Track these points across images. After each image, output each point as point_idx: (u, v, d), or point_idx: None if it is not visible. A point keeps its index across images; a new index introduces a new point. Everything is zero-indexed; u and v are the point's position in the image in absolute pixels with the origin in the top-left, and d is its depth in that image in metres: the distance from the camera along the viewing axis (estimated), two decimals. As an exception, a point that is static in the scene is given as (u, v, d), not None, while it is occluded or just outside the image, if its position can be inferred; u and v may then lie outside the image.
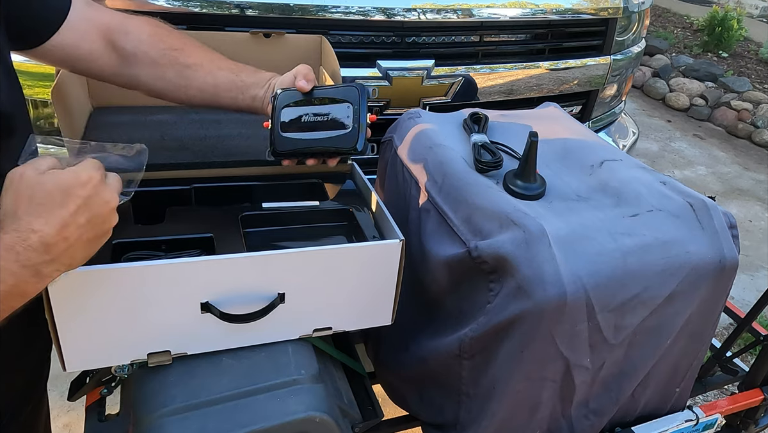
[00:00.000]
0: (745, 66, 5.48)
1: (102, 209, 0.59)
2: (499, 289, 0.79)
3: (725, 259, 0.85)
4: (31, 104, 1.33)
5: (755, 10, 6.68)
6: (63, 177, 0.57)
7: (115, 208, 0.61)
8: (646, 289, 0.81)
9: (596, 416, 0.91)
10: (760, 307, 1.20)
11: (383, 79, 1.43)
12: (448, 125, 1.07)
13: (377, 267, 0.83)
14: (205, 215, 0.88)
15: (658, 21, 6.59)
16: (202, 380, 0.77)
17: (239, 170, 0.99)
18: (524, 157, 0.89)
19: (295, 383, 0.79)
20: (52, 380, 0.96)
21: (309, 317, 0.83)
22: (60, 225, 0.55)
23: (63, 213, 0.56)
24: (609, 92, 1.94)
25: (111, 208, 0.60)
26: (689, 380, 1.00)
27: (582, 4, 1.69)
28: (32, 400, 0.90)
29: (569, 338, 0.79)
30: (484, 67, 1.58)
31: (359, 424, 0.88)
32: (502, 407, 0.84)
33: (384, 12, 1.39)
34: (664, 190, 0.90)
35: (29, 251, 0.54)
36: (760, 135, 4.44)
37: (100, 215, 0.59)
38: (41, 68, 1.28)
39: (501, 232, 0.80)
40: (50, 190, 0.56)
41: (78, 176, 0.57)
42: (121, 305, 0.71)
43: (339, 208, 0.95)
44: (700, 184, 3.77)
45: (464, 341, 0.84)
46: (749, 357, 2.08)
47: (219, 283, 0.75)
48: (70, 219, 0.56)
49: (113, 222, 0.62)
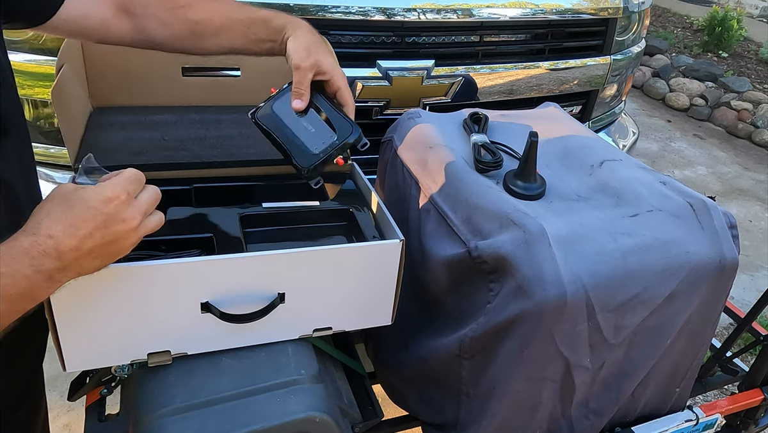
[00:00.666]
0: (745, 66, 5.48)
1: (119, 228, 0.59)
2: (499, 289, 0.79)
3: (725, 259, 0.85)
4: (31, 104, 1.33)
5: (755, 10, 6.68)
6: (88, 192, 0.58)
7: (137, 228, 0.61)
8: (646, 289, 0.81)
9: (596, 416, 0.91)
10: (760, 307, 1.20)
11: (383, 79, 1.43)
12: (448, 125, 1.07)
13: (377, 267, 0.83)
14: (205, 215, 0.88)
15: (658, 21, 6.59)
16: (202, 380, 0.77)
17: (239, 170, 0.99)
18: (524, 157, 0.89)
19: (295, 383, 0.79)
20: (52, 380, 0.96)
21: (309, 317, 0.83)
22: (76, 236, 0.57)
23: (81, 225, 0.57)
24: (609, 92, 1.93)
25: (129, 228, 0.60)
26: (689, 380, 1.00)
27: (582, 4, 1.69)
28: (29, 399, 0.89)
29: (569, 338, 0.79)
30: (484, 67, 1.58)
31: (359, 424, 0.88)
32: (502, 407, 0.84)
33: (384, 12, 1.39)
34: (664, 190, 0.90)
35: (43, 256, 0.55)
36: (760, 135, 4.43)
37: (116, 233, 0.59)
38: (41, 68, 1.28)
39: (501, 232, 0.80)
40: (75, 203, 0.57)
41: (102, 193, 0.58)
42: (121, 305, 0.71)
43: (339, 209, 0.95)
44: (700, 184, 3.77)
45: (464, 341, 0.84)
46: (749, 357, 2.08)
47: (219, 283, 0.75)
48: (88, 233, 0.57)
49: (132, 241, 0.62)
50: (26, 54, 1.26)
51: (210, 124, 1.08)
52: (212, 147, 1.01)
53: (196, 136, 1.04)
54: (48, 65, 1.26)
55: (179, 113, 1.10)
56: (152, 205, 0.64)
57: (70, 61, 0.96)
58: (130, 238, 0.61)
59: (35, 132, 1.35)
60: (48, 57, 1.26)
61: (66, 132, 0.90)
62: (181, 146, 1.00)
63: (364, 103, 1.45)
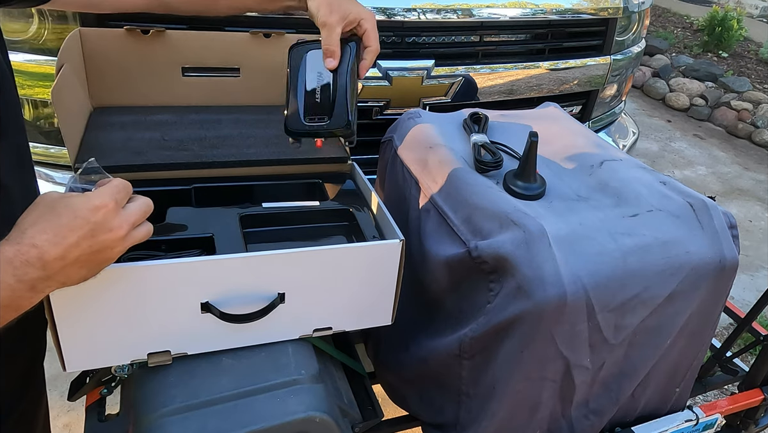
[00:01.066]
0: (745, 66, 5.48)
1: (106, 237, 0.58)
2: (499, 289, 0.79)
3: (725, 259, 0.85)
4: (31, 104, 1.33)
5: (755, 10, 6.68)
6: (76, 200, 0.57)
7: (125, 238, 0.60)
8: (646, 289, 0.81)
9: (596, 416, 0.91)
10: (760, 307, 1.20)
11: (383, 79, 1.43)
12: (448, 125, 1.07)
13: (377, 267, 0.83)
14: (205, 215, 0.88)
15: (658, 21, 6.59)
16: (202, 380, 0.77)
17: (239, 170, 0.99)
18: (524, 157, 0.89)
19: (295, 383, 0.79)
20: (52, 380, 0.96)
21: (309, 317, 0.83)
22: (62, 245, 0.55)
23: (67, 234, 0.56)
24: (609, 92, 1.93)
25: (117, 237, 0.59)
26: (689, 380, 1.00)
27: (582, 4, 1.69)
28: (29, 394, 0.89)
29: (569, 338, 0.79)
30: (484, 67, 1.57)
31: (359, 424, 0.88)
32: (502, 407, 0.84)
33: (384, 12, 1.39)
34: (664, 190, 0.90)
35: (26, 266, 0.54)
36: (760, 135, 4.43)
37: (103, 242, 0.58)
38: (41, 68, 1.28)
39: (501, 232, 0.80)
40: (61, 211, 0.56)
41: (90, 201, 0.57)
42: (121, 305, 0.71)
43: (339, 208, 0.95)
44: (700, 184, 3.77)
45: (464, 341, 0.84)
46: (749, 357, 2.08)
47: (219, 283, 0.75)
48: (74, 242, 0.56)
49: (118, 250, 0.61)
50: (26, 54, 1.26)
51: (210, 124, 1.08)
52: (212, 147, 1.01)
53: (196, 136, 1.04)
54: (48, 65, 1.26)
55: (179, 113, 1.10)
56: (141, 216, 0.62)
57: (70, 61, 0.96)
58: (117, 247, 0.60)
59: (35, 132, 1.35)
60: (48, 57, 1.26)
61: (66, 132, 0.90)
62: (181, 146, 1.00)
63: (364, 103, 1.45)
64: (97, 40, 1.03)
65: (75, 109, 0.99)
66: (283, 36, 1.11)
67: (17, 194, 0.73)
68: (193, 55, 1.09)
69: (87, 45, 1.02)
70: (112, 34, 1.03)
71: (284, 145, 1.05)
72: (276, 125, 1.11)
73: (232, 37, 1.10)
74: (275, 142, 1.05)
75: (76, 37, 0.99)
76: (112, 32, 1.03)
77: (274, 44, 1.11)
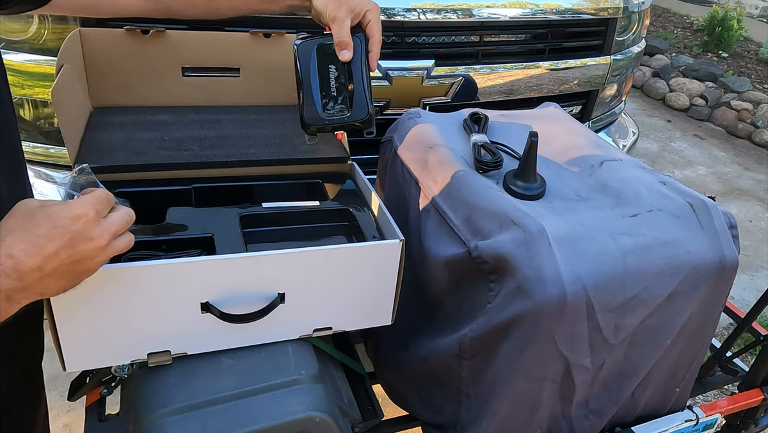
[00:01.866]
0: (745, 66, 5.48)
1: (85, 247, 0.57)
2: (499, 289, 0.79)
3: (725, 259, 0.85)
4: (31, 104, 1.33)
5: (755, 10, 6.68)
6: (55, 209, 0.56)
7: (105, 247, 0.59)
8: (646, 289, 0.81)
9: (596, 416, 0.91)
10: (760, 307, 1.20)
11: (383, 79, 1.43)
12: (448, 125, 1.07)
13: (377, 267, 0.83)
14: (205, 215, 0.88)
15: (658, 21, 6.59)
16: (202, 380, 0.77)
17: (239, 170, 0.99)
18: (524, 157, 0.89)
19: (295, 383, 0.79)
20: (52, 380, 0.96)
21: (309, 317, 0.83)
22: (40, 255, 0.54)
23: (45, 244, 0.54)
24: (609, 92, 1.93)
25: (97, 247, 0.58)
26: (689, 380, 1.00)
27: (582, 4, 1.69)
28: (27, 396, 0.89)
29: (569, 338, 0.79)
30: (484, 67, 1.57)
31: (359, 424, 0.88)
32: (502, 407, 0.84)
33: (384, 12, 1.39)
34: (664, 191, 0.90)
35: (1, 276, 0.52)
36: (760, 135, 4.43)
37: (83, 252, 0.57)
38: (41, 68, 1.28)
39: (501, 232, 0.80)
40: (40, 220, 0.55)
41: (70, 210, 0.56)
42: (121, 305, 0.71)
43: (339, 208, 0.95)
44: (700, 184, 3.77)
45: (464, 341, 0.84)
46: (749, 357, 2.08)
47: (219, 283, 0.75)
48: (52, 252, 0.54)
49: (99, 261, 0.59)
50: (26, 54, 1.26)
51: (210, 124, 1.08)
52: (212, 147, 1.01)
53: (196, 136, 1.04)
54: (48, 65, 1.26)
55: (179, 113, 1.10)
56: (123, 226, 0.61)
57: (70, 61, 0.96)
58: (98, 258, 0.59)
59: (35, 132, 1.35)
60: (48, 57, 1.26)
61: (66, 132, 0.90)
62: (181, 146, 1.00)
63: (364, 103, 1.45)
64: (97, 40, 1.03)
65: (75, 110, 0.99)
66: (283, 36, 1.11)
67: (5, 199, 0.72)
68: (193, 55, 1.09)
69: (87, 45, 1.02)
70: (112, 34, 1.03)
71: (284, 145, 1.05)
72: (276, 125, 1.11)
73: (232, 37, 1.10)
74: (275, 142, 1.05)
75: (76, 37, 1.00)
76: (112, 32, 1.03)
77: (274, 44, 1.11)
